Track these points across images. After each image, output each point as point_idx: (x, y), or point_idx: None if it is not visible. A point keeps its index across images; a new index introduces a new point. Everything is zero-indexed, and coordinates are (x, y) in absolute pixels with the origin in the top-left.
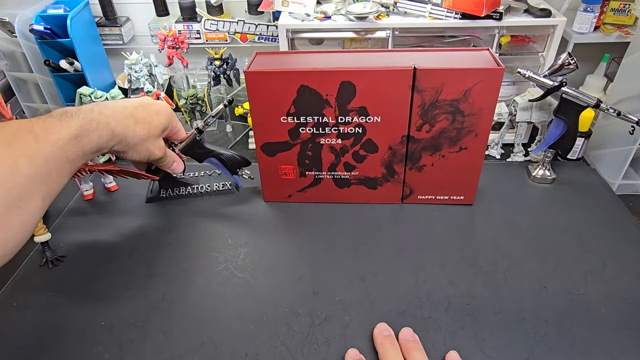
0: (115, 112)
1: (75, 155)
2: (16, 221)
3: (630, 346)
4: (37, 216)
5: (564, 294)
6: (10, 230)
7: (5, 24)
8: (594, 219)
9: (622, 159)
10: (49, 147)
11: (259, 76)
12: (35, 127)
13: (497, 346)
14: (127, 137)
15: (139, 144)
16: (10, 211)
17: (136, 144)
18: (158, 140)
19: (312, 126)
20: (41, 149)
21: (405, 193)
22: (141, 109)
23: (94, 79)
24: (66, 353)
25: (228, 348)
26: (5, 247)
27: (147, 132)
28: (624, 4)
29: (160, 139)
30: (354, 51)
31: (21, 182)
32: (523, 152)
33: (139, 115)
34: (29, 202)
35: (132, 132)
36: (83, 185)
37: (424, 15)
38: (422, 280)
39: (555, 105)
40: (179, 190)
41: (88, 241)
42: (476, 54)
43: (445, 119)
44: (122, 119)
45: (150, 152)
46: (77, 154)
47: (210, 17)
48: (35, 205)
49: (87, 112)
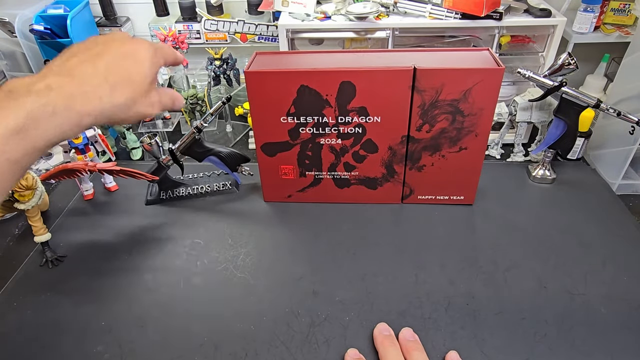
0: (82, 81)
1: (19, 155)
2: None
3: (630, 346)
4: None
5: (564, 294)
6: None
7: (5, 24)
8: (594, 219)
9: (622, 159)
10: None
11: (259, 76)
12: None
13: (497, 346)
14: (104, 112)
15: (123, 113)
16: None
17: (118, 114)
18: (148, 97)
19: (312, 126)
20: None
21: (405, 193)
22: (114, 64)
23: None
24: (66, 353)
25: (228, 348)
26: None
27: (131, 96)
28: (624, 4)
29: (150, 93)
30: (354, 51)
31: None
32: (523, 152)
33: (114, 76)
34: None
35: (110, 103)
36: (83, 185)
37: (424, 15)
38: (422, 280)
39: (555, 105)
40: (179, 191)
41: (88, 241)
42: (476, 54)
43: (445, 119)
44: (91, 89)
45: (141, 114)
46: (22, 152)
47: (210, 17)
48: None
49: (43, 90)
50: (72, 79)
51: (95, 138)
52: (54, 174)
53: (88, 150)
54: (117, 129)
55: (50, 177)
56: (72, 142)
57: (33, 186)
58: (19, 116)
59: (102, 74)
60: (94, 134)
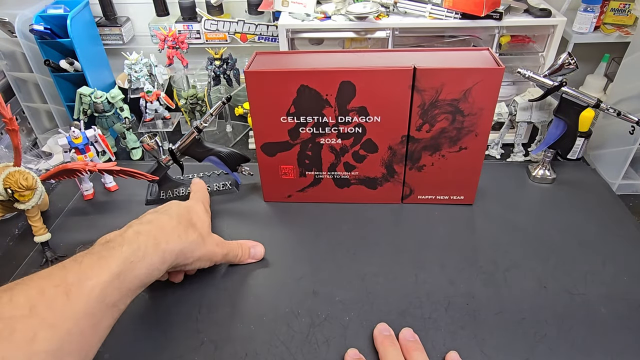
0: (162, 225)
1: (117, 298)
2: None
3: (630, 346)
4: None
5: (564, 294)
6: None
7: (5, 24)
8: (594, 219)
9: (622, 159)
10: (82, 303)
11: (259, 76)
12: (69, 275)
13: (497, 346)
14: (183, 249)
15: (197, 249)
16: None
17: (194, 250)
18: (211, 237)
19: (312, 126)
20: (71, 308)
21: (405, 193)
22: (181, 214)
23: (94, 79)
24: None
25: (228, 348)
26: None
27: (200, 234)
28: (624, 4)
29: (212, 235)
30: (354, 51)
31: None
32: (523, 152)
33: (184, 220)
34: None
35: (186, 240)
36: (83, 185)
37: (424, 15)
38: (422, 280)
39: (555, 105)
40: (179, 191)
41: (88, 241)
42: (476, 53)
43: (445, 118)
44: (170, 230)
45: (212, 252)
46: (119, 295)
47: (210, 17)
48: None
49: (133, 236)
50: (153, 225)
51: (95, 138)
52: (54, 174)
53: (88, 150)
54: (117, 129)
55: (50, 177)
56: (72, 142)
57: (33, 186)
58: (119, 262)
59: (176, 220)
60: (94, 134)
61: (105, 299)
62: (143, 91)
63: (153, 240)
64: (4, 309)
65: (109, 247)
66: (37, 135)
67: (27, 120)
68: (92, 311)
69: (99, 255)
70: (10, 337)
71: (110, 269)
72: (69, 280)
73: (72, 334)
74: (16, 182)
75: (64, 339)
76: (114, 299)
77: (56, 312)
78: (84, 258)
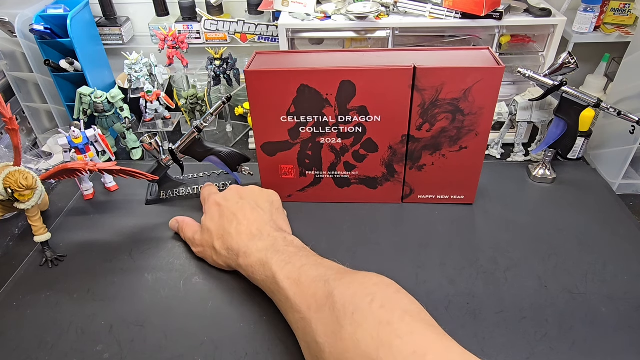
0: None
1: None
2: None
3: (630, 346)
4: None
5: (565, 293)
6: None
7: (5, 24)
8: (594, 219)
9: (623, 158)
10: None
11: (259, 76)
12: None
13: (497, 345)
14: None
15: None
16: None
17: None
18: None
19: (312, 126)
20: None
21: (405, 192)
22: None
23: (94, 79)
24: (66, 353)
25: (228, 348)
26: None
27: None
28: (624, 4)
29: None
30: (354, 51)
31: None
32: (523, 152)
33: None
34: None
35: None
36: (83, 185)
37: (424, 14)
38: (422, 279)
39: (555, 105)
40: (179, 191)
41: (88, 241)
42: (476, 53)
43: (446, 118)
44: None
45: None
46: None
47: (210, 17)
48: None
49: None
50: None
51: (95, 138)
52: (54, 174)
53: (88, 150)
54: (117, 128)
55: (50, 177)
56: (72, 142)
57: (33, 186)
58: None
59: (269, 214)
60: (94, 133)
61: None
62: (143, 91)
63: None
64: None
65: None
66: (37, 135)
67: (27, 120)
68: None
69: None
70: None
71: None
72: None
73: None
74: (16, 181)
75: None
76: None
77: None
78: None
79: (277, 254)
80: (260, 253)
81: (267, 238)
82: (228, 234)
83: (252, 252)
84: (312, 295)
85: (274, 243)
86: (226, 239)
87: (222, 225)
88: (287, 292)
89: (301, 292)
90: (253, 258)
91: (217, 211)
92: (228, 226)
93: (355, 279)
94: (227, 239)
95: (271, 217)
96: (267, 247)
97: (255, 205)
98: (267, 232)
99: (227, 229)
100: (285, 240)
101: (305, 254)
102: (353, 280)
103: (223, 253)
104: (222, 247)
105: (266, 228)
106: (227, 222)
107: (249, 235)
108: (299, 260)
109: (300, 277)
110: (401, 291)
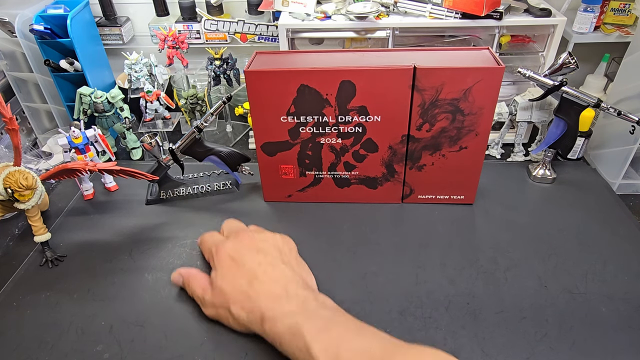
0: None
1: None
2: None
3: (630, 346)
4: None
5: (565, 293)
6: None
7: (5, 24)
8: (594, 219)
9: (623, 158)
10: None
11: (259, 76)
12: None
13: (497, 345)
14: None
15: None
16: None
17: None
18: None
19: (312, 126)
20: None
21: (405, 193)
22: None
23: (94, 79)
24: (66, 352)
25: (228, 348)
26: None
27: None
28: (624, 4)
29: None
30: (354, 51)
31: None
32: (523, 152)
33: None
34: None
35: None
36: (83, 185)
37: (424, 15)
38: (422, 279)
39: (555, 105)
40: (179, 191)
41: (88, 241)
42: (476, 53)
43: (446, 118)
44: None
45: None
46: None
47: (210, 17)
48: None
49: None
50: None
51: (95, 138)
52: (54, 174)
53: (88, 150)
54: (117, 128)
55: (50, 177)
56: (72, 142)
57: (33, 186)
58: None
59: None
60: (94, 133)
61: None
62: (143, 91)
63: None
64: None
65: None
66: (37, 135)
67: (27, 120)
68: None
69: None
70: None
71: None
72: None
73: None
74: (16, 181)
75: None
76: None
77: None
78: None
79: (309, 319)
80: (288, 318)
81: (295, 298)
82: (247, 297)
83: (279, 317)
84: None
85: (304, 305)
86: (245, 302)
87: (239, 286)
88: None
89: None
90: (281, 325)
91: (231, 267)
92: (247, 287)
93: (408, 358)
94: (246, 302)
95: (294, 271)
96: (296, 311)
97: (277, 257)
98: (294, 291)
99: (245, 291)
100: (317, 301)
101: (342, 319)
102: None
103: (242, 317)
104: (240, 311)
105: (292, 286)
106: (246, 283)
107: (272, 296)
108: (336, 327)
109: (339, 351)
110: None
